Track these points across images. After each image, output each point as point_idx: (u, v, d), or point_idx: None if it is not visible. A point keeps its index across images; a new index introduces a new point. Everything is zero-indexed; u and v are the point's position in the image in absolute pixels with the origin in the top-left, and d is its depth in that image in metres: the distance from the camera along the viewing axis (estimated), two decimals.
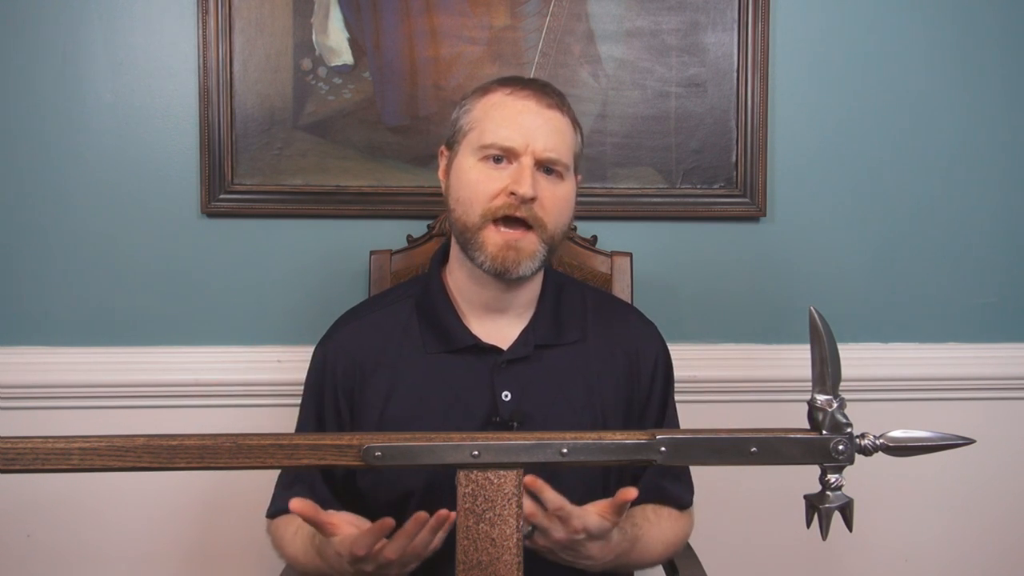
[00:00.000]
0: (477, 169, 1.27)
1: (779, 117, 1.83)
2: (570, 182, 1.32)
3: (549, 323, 1.36)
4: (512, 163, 1.26)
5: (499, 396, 1.31)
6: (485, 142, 1.27)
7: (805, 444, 0.89)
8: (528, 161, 1.25)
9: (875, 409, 1.80)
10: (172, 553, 1.82)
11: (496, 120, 1.27)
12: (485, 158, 1.27)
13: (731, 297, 1.86)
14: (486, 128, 1.28)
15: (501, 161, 1.27)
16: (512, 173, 1.25)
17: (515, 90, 1.29)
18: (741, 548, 1.88)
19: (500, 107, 1.28)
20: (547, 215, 1.27)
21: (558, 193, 1.29)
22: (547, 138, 1.27)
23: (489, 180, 1.26)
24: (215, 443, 0.86)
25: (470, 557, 0.88)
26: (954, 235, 1.89)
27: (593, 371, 1.36)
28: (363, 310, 1.44)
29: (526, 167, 1.25)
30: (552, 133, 1.27)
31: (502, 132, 1.26)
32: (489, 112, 1.29)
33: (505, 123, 1.27)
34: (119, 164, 1.77)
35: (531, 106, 1.27)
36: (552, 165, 1.28)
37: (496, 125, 1.27)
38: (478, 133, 1.28)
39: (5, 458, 0.84)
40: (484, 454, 0.87)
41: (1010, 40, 1.86)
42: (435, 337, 1.34)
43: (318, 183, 1.78)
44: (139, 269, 1.78)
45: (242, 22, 1.74)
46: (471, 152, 1.28)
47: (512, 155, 1.26)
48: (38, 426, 1.74)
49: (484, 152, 1.27)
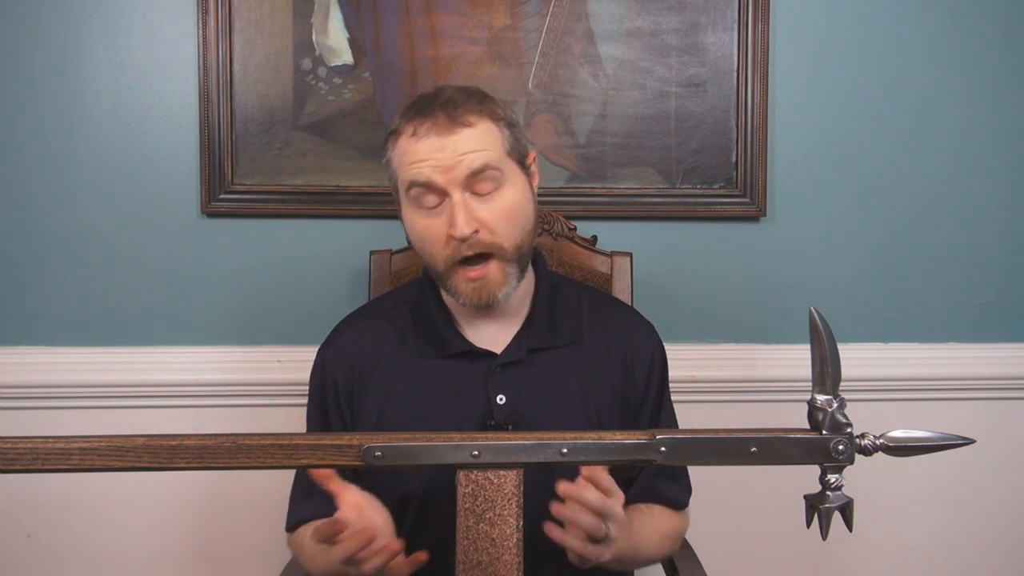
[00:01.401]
0: (420, 219, 1.26)
1: (779, 117, 1.83)
2: (512, 184, 1.26)
3: (543, 326, 1.36)
4: (444, 200, 1.24)
5: (494, 400, 1.31)
6: (407, 187, 1.25)
7: (805, 444, 0.89)
8: (457, 196, 1.22)
9: (875, 409, 1.80)
10: (172, 553, 1.82)
11: (408, 162, 1.24)
12: (420, 206, 1.25)
13: (731, 297, 1.86)
14: (405, 174, 1.25)
15: (436, 206, 1.24)
16: (447, 216, 1.23)
17: (416, 127, 1.24)
18: (741, 548, 1.88)
19: (410, 152, 1.24)
20: (498, 235, 1.24)
21: (501, 206, 1.24)
22: (464, 155, 1.22)
23: (430, 229, 1.25)
24: (215, 443, 0.86)
25: (470, 557, 0.88)
26: (954, 235, 1.89)
27: (588, 372, 1.36)
28: (360, 316, 1.44)
29: (457, 204, 1.22)
30: (466, 152, 1.22)
31: (416, 171, 1.23)
32: (401, 157, 1.26)
33: (416, 162, 1.23)
34: (119, 164, 1.77)
35: (433, 141, 1.22)
36: (480, 182, 1.23)
37: (410, 167, 1.24)
38: (402, 180, 1.26)
39: (5, 458, 0.84)
40: (484, 454, 0.87)
41: (1010, 40, 1.86)
42: (429, 343, 1.35)
43: (318, 183, 1.78)
44: (139, 269, 1.78)
45: (242, 22, 1.74)
46: (406, 202, 1.27)
47: (439, 193, 1.23)
48: (38, 426, 1.75)
49: (414, 202, 1.25)
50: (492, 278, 1.25)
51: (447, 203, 1.23)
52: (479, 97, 1.28)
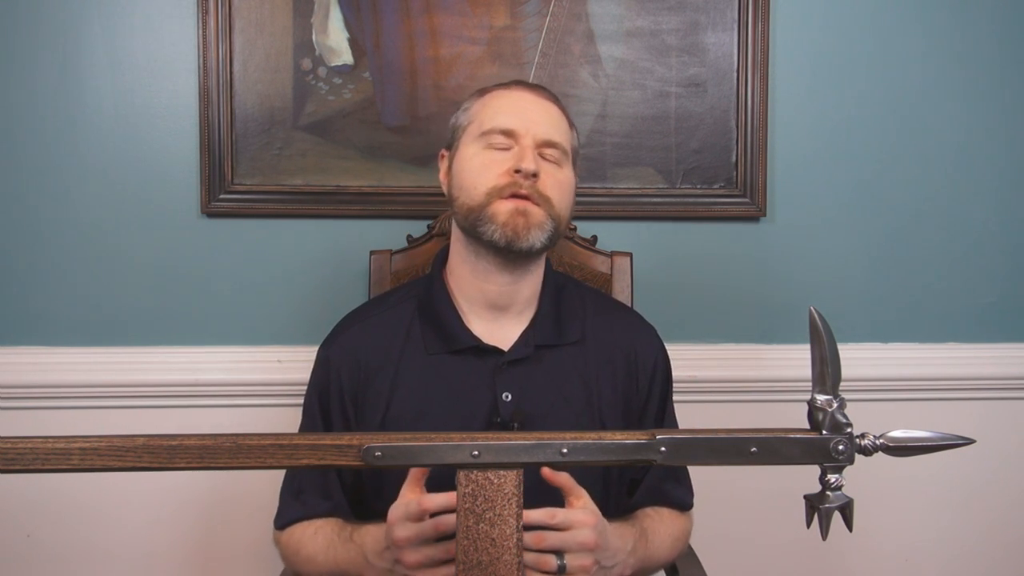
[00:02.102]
0: (481, 155, 1.31)
1: (779, 117, 1.83)
2: (569, 171, 1.36)
3: (550, 323, 1.36)
4: (513, 147, 1.30)
5: (500, 397, 1.31)
6: (485, 128, 1.31)
7: (805, 444, 0.89)
8: (529, 142, 1.29)
9: (875, 409, 1.80)
10: (172, 553, 1.82)
11: (494, 108, 1.33)
12: (487, 145, 1.31)
13: (731, 297, 1.86)
14: (485, 117, 1.32)
15: (505, 148, 1.30)
16: (514, 154, 1.29)
17: (512, 85, 1.36)
18: (741, 548, 1.88)
19: (497, 98, 1.34)
20: (551, 192, 1.30)
21: (559, 177, 1.32)
22: (545, 122, 1.32)
23: (492, 163, 1.30)
24: (215, 443, 0.86)
25: (470, 557, 0.88)
26: (954, 235, 1.89)
27: (592, 372, 1.36)
28: (365, 312, 1.43)
29: (527, 147, 1.29)
30: (549, 119, 1.33)
31: (501, 117, 1.31)
32: (487, 104, 1.34)
33: (503, 110, 1.32)
34: (119, 164, 1.77)
35: (527, 96, 1.34)
36: (552, 147, 1.31)
37: (495, 112, 1.32)
38: (478, 124, 1.33)
39: (5, 458, 0.84)
40: (484, 454, 0.87)
41: (1009, 41, 1.86)
42: (437, 338, 1.34)
43: (318, 183, 1.78)
44: (139, 269, 1.78)
45: (242, 22, 1.74)
46: (472, 141, 1.33)
47: (513, 137, 1.30)
48: (38, 426, 1.74)
49: (486, 139, 1.31)
50: (534, 214, 1.28)
51: (516, 147, 1.29)
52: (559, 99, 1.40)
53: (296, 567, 1.35)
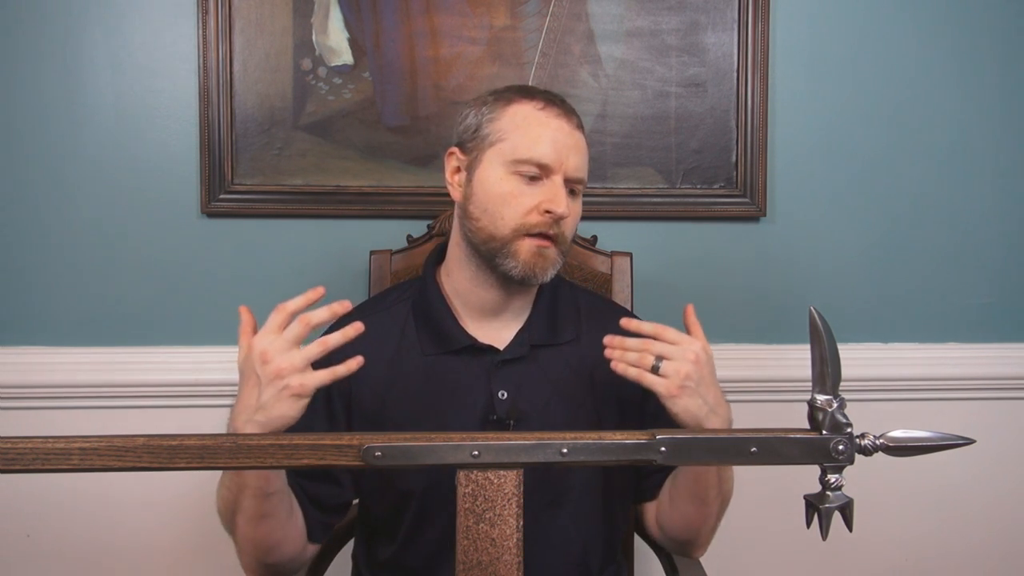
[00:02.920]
0: (510, 183, 1.28)
1: (779, 117, 1.83)
2: (580, 197, 1.36)
3: (545, 323, 1.37)
4: (544, 180, 1.28)
5: (496, 395, 1.31)
6: (521, 156, 1.27)
7: (805, 444, 0.89)
8: (560, 180, 1.28)
9: (875, 409, 1.80)
10: (172, 553, 1.82)
11: (532, 136, 1.28)
12: (518, 173, 1.28)
13: (731, 297, 1.86)
14: (520, 142, 1.28)
15: (534, 176, 1.28)
16: (545, 191, 1.27)
17: (546, 106, 1.30)
18: (741, 548, 1.88)
19: (534, 123, 1.29)
20: (568, 230, 1.31)
21: (575, 210, 1.33)
22: (577, 159, 1.30)
23: (523, 195, 1.28)
24: (215, 443, 0.86)
25: (470, 557, 0.87)
26: (953, 235, 1.89)
27: (588, 370, 1.37)
28: (360, 312, 1.43)
29: (559, 186, 1.27)
30: (580, 153, 1.31)
31: (540, 149, 1.27)
32: (521, 125, 1.29)
33: (542, 141, 1.27)
34: (119, 164, 1.77)
35: (564, 126, 1.29)
36: (578, 185, 1.32)
37: (532, 141, 1.27)
38: (511, 146, 1.28)
39: (5, 458, 0.84)
40: (484, 454, 0.87)
41: (1008, 41, 1.86)
42: (432, 338, 1.35)
43: (318, 183, 1.78)
44: (139, 269, 1.78)
45: (242, 22, 1.74)
46: (501, 164, 1.29)
47: (547, 172, 1.28)
48: (38, 426, 1.74)
49: (519, 167, 1.28)
50: (550, 256, 1.30)
51: (548, 182, 1.28)
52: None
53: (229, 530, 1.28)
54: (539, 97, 1.31)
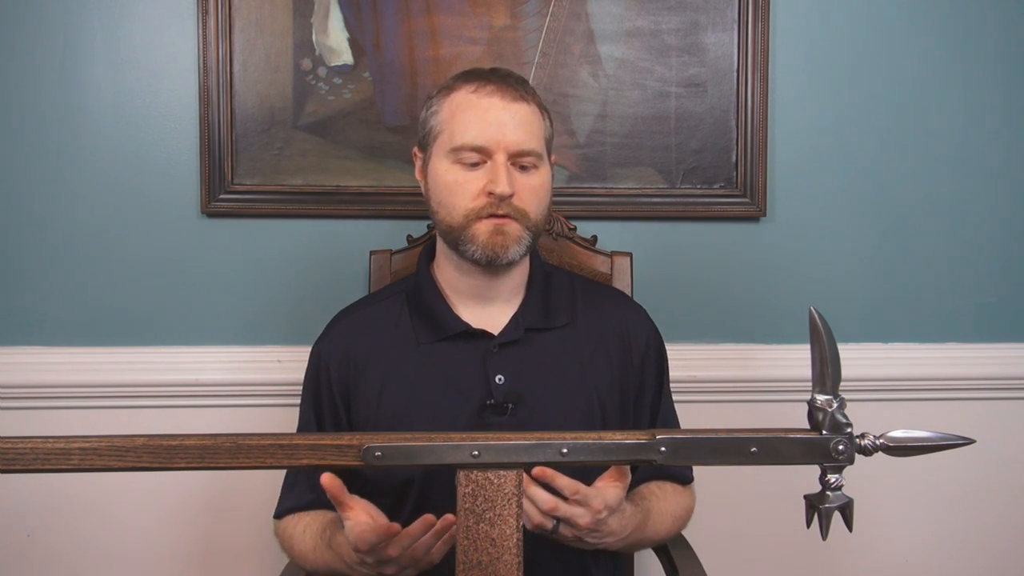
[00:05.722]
0: (453, 172, 1.30)
1: (779, 117, 1.83)
2: (544, 168, 1.33)
3: (538, 308, 1.38)
4: (486, 162, 1.28)
5: (492, 379, 1.32)
6: (456, 144, 1.29)
7: (805, 444, 0.89)
8: (501, 158, 1.27)
9: (875, 409, 1.80)
10: (172, 553, 1.82)
11: (464, 122, 1.29)
12: (459, 162, 1.29)
13: (731, 297, 1.86)
14: (456, 130, 1.29)
15: (476, 163, 1.28)
16: (487, 172, 1.28)
17: (479, 87, 1.30)
18: (741, 548, 1.88)
19: (466, 107, 1.29)
20: (527, 205, 1.30)
21: (533, 183, 1.31)
22: (516, 132, 1.28)
23: (467, 182, 1.29)
24: (215, 443, 0.86)
25: (470, 557, 0.88)
26: (953, 235, 1.89)
27: (585, 353, 1.38)
28: (355, 307, 1.46)
29: (500, 164, 1.27)
30: (520, 126, 1.29)
31: (471, 133, 1.28)
32: (456, 113, 1.30)
33: (473, 123, 1.28)
34: (119, 164, 1.77)
35: (496, 102, 1.28)
36: (524, 158, 1.30)
37: (464, 127, 1.28)
38: (448, 135, 1.30)
39: (5, 458, 0.84)
40: (484, 454, 0.87)
41: (1008, 42, 1.86)
42: (426, 327, 1.36)
43: (318, 183, 1.78)
44: (139, 269, 1.78)
45: (242, 22, 1.74)
46: (444, 155, 1.30)
47: (485, 154, 1.28)
48: (38, 426, 1.74)
49: (458, 156, 1.29)
50: (511, 231, 1.29)
51: (489, 163, 1.28)
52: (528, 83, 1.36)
53: (292, 559, 1.38)
54: (474, 79, 1.31)
